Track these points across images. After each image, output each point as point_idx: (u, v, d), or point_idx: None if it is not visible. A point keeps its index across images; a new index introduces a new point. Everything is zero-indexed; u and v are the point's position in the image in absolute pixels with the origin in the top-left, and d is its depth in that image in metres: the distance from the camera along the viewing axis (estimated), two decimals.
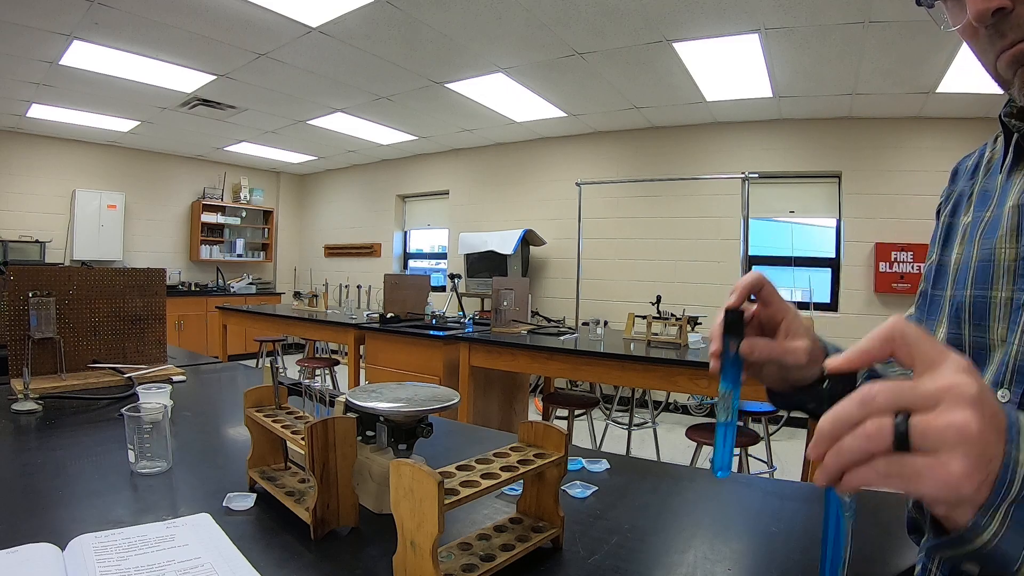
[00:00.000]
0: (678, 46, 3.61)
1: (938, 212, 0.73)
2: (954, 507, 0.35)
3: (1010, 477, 0.34)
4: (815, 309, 4.80)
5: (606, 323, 3.37)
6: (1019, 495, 0.34)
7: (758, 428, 2.88)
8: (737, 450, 2.55)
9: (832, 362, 0.40)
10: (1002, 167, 0.61)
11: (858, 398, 0.36)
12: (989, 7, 0.47)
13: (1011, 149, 0.59)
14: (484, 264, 5.96)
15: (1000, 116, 0.60)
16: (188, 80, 4.47)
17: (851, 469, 0.36)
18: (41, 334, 1.47)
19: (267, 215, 8.31)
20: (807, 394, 0.62)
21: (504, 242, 5.77)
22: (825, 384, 0.40)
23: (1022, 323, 0.52)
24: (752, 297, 0.59)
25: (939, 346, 0.37)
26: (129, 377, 1.50)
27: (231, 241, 7.94)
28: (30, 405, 1.22)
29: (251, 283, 7.87)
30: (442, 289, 6.77)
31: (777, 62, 3.75)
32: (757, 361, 0.57)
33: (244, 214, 8.04)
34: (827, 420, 0.37)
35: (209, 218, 7.59)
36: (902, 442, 0.34)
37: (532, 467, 0.66)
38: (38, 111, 5.33)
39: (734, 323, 0.53)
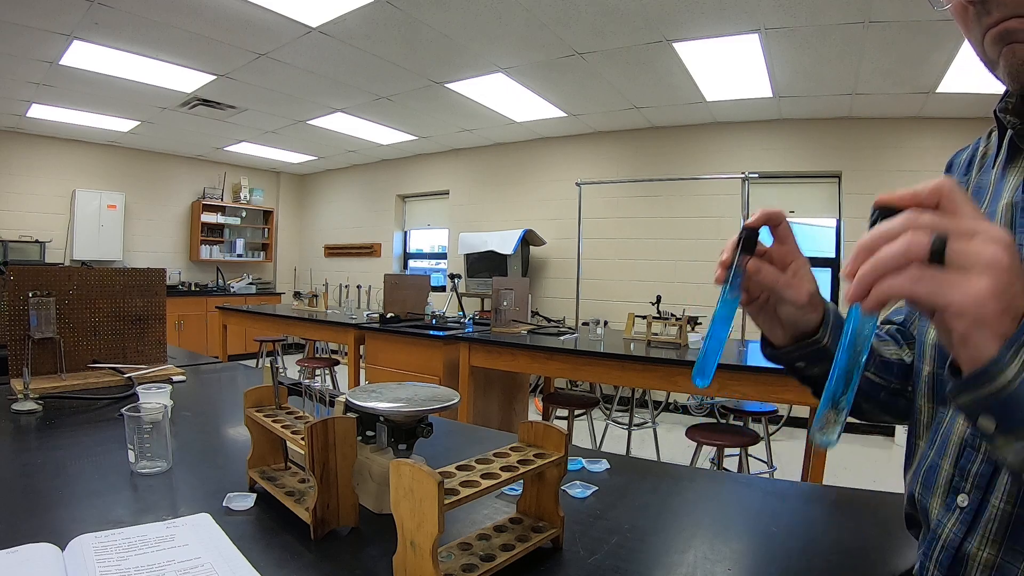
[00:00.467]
0: (678, 46, 3.61)
1: None
2: (975, 325, 0.35)
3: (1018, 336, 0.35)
4: None
5: (606, 323, 3.38)
6: None
7: (758, 428, 2.88)
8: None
9: (882, 196, 0.41)
10: (995, 163, 0.61)
11: (903, 216, 0.38)
12: None
13: (1005, 145, 0.59)
14: (484, 264, 5.96)
15: (995, 111, 0.59)
16: (188, 80, 4.47)
17: (884, 279, 0.37)
18: (41, 334, 1.47)
19: (267, 215, 8.31)
20: (802, 349, 0.62)
21: (504, 242, 5.77)
22: (873, 216, 0.42)
23: None
24: (769, 231, 0.59)
25: (981, 214, 0.38)
26: (129, 377, 1.50)
27: (231, 241, 7.94)
28: (30, 405, 1.22)
29: (251, 283, 7.87)
30: (442, 289, 6.77)
31: (777, 62, 3.75)
32: (760, 284, 0.57)
33: (244, 214, 8.04)
34: (868, 235, 0.39)
35: (209, 218, 7.59)
36: (938, 256, 0.36)
37: (532, 467, 0.66)
38: (38, 111, 5.33)
39: (748, 240, 0.54)
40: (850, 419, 0.45)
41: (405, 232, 7.75)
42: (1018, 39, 0.49)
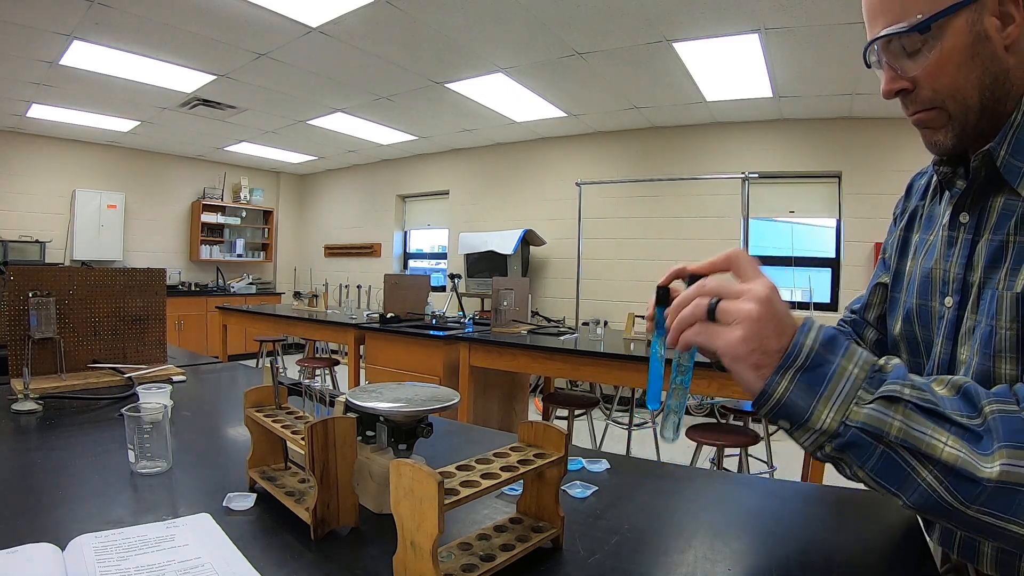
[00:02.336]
0: (678, 46, 3.61)
1: (895, 220, 0.88)
2: (734, 361, 0.52)
3: (795, 352, 0.50)
4: (815, 309, 4.80)
5: (606, 323, 3.37)
6: (803, 365, 0.50)
7: (758, 428, 2.88)
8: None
9: (691, 266, 0.59)
10: (940, 198, 0.76)
11: (696, 286, 0.56)
12: (892, 88, 0.67)
13: (939, 184, 0.75)
14: (484, 264, 5.96)
15: (932, 163, 0.75)
16: (188, 80, 4.47)
17: (682, 331, 0.56)
18: (41, 334, 1.47)
19: (267, 215, 8.31)
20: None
21: (504, 242, 5.77)
22: (687, 281, 0.60)
23: (943, 331, 0.69)
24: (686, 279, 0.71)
25: (758, 270, 0.55)
26: (129, 377, 1.50)
27: (231, 241, 7.94)
28: (30, 405, 1.22)
29: (251, 283, 7.87)
30: (442, 289, 6.77)
31: (777, 62, 3.75)
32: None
33: (244, 214, 8.04)
34: (677, 299, 0.57)
35: (209, 218, 7.59)
36: (712, 314, 0.53)
37: (532, 467, 0.66)
38: (38, 111, 5.33)
39: (662, 297, 0.69)
40: None
41: (405, 232, 7.75)
42: (926, 126, 0.68)
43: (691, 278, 0.58)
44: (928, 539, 0.77)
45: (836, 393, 0.49)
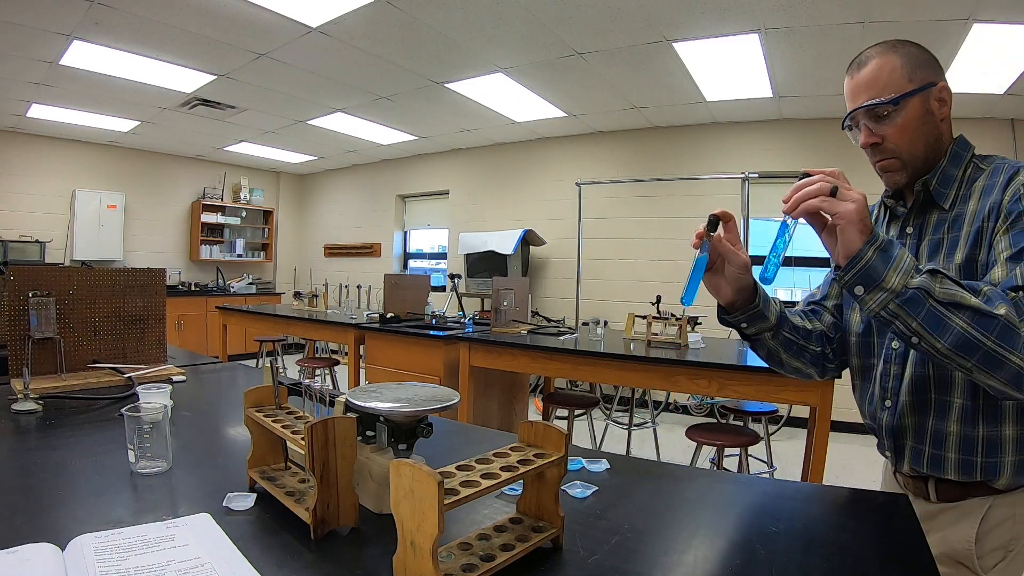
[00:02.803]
0: (678, 46, 3.61)
1: None
2: (849, 223, 0.75)
3: (876, 236, 0.75)
4: None
5: (606, 323, 3.37)
6: (880, 246, 0.75)
7: (758, 428, 2.88)
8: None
9: (808, 169, 0.81)
10: (886, 222, 1.07)
11: (817, 176, 0.78)
12: (869, 141, 0.96)
13: (886, 213, 1.07)
14: (484, 264, 5.96)
15: (882, 198, 1.07)
16: (188, 80, 4.47)
17: (806, 200, 0.77)
18: (41, 334, 1.47)
19: (267, 215, 8.31)
20: (746, 313, 0.97)
21: (504, 242, 5.77)
22: (800, 178, 0.81)
23: (884, 347, 1.00)
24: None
25: (856, 192, 0.77)
26: (129, 377, 1.50)
27: (231, 241, 7.94)
28: (30, 405, 1.22)
29: (251, 283, 7.86)
30: (442, 289, 6.77)
31: (777, 62, 3.75)
32: (716, 251, 0.91)
33: (244, 214, 8.04)
34: (799, 183, 0.79)
35: (209, 218, 7.59)
36: (833, 193, 0.76)
37: (532, 467, 0.66)
38: (38, 111, 5.33)
39: (712, 223, 0.89)
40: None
41: (405, 232, 7.75)
42: (888, 170, 0.98)
43: (803, 175, 0.80)
44: (896, 477, 1.05)
45: (901, 266, 0.74)
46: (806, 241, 5.00)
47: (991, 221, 0.88)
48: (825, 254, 0.88)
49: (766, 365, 1.08)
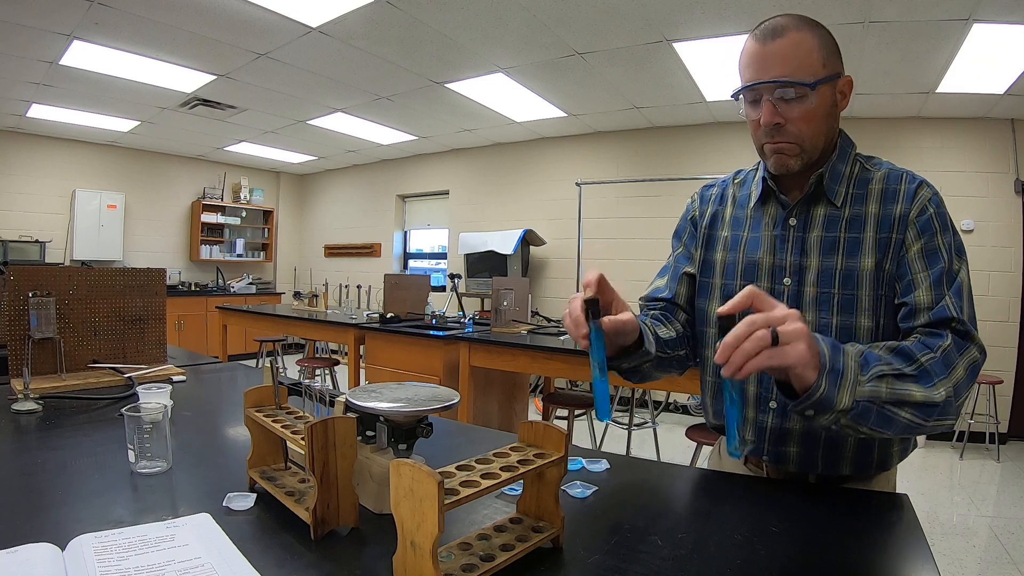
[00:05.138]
0: (678, 46, 3.61)
1: (692, 221, 1.12)
2: (804, 368, 0.67)
3: (822, 362, 0.69)
4: None
5: None
6: (829, 369, 0.69)
7: None
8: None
9: (721, 308, 0.69)
10: (750, 204, 1.03)
11: (746, 322, 0.66)
12: (772, 121, 0.88)
13: (759, 193, 1.01)
14: (484, 264, 5.96)
15: (763, 177, 1.00)
16: (188, 80, 4.47)
17: (749, 361, 0.64)
18: (41, 334, 1.47)
19: (267, 215, 8.31)
20: (629, 357, 0.89)
21: (504, 242, 5.77)
22: (717, 321, 0.68)
23: (786, 303, 0.89)
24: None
25: (774, 300, 0.69)
26: (129, 377, 1.50)
27: (231, 241, 7.94)
28: (30, 405, 1.22)
29: (251, 283, 7.86)
30: (442, 289, 6.77)
31: None
32: (609, 332, 0.79)
33: (244, 214, 8.04)
34: (730, 337, 0.65)
35: (209, 218, 7.59)
36: (775, 340, 0.65)
37: (532, 467, 0.66)
38: (38, 111, 5.33)
39: (593, 308, 0.75)
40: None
41: (405, 232, 7.75)
42: (783, 153, 0.91)
43: (721, 320, 0.67)
44: (745, 463, 1.04)
45: (848, 381, 0.70)
46: None
47: (898, 233, 0.88)
48: None
49: None
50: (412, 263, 7.77)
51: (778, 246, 0.97)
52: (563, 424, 3.31)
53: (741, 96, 0.93)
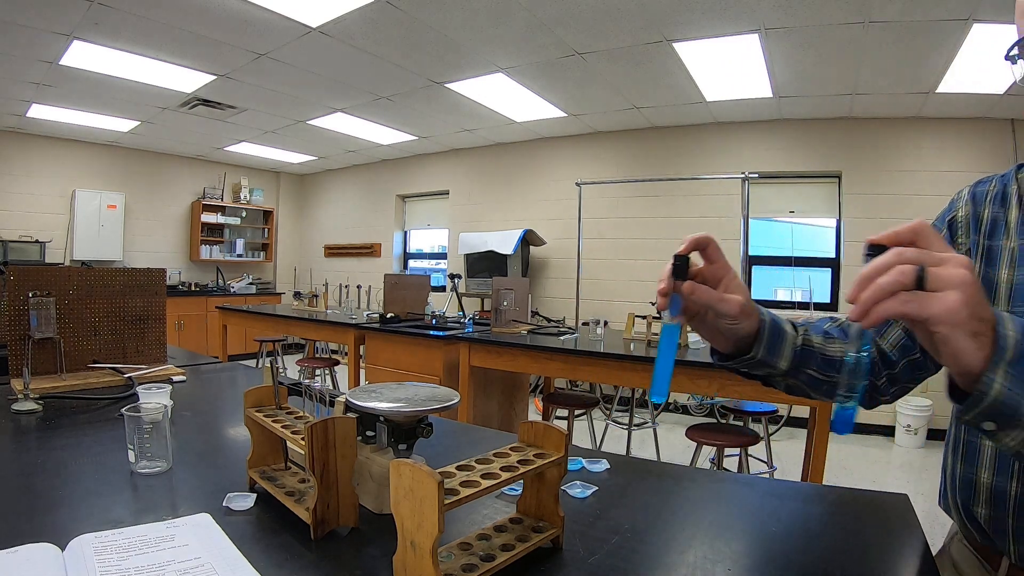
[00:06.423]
0: (678, 46, 3.61)
1: (951, 224, 0.84)
2: (952, 328, 0.45)
3: (1003, 344, 0.46)
4: (815, 309, 4.80)
5: (606, 323, 3.37)
6: (1012, 357, 0.46)
7: (758, 428, 2.88)
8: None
9: (871, 237, 0.50)
10: (1019, 205, 0.74)
11: (893, 252, 0.47)
12: None
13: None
14: (484, 264, 5.96)
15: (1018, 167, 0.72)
16: (188, 80, 4.47)
17: (880, 302, 0.46)
18: (41, 334, 1.47)
19: (267, 215, 8.31)
20: (740, 364, 0.72)
21: (504, 242, 5.77)
22: (866, 252, 0.50)
23: None
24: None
25: (945, 242, 0.49)
26: (129, 377, 1.50)
27: (231, 241, 7.94)
28: (30, 405, 1.22)
29: (251, 283, 7.86)
30: (442, 289, 6.77)
31: (777, 62, 3.75)
32: (696, 303, 0.62)
33: (244, 214, 8.04)
34: (866, 267, 0.48)
35: (209, 218, 7.59)
36: (920, 283, 0.46)
37: (532, 467, 0.66)
38: (38, 111, 5.33)
39: (680, 267, 0.60)
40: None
41: (405, 232, 7.75)
42: None
43: (871, 249, 0.50)
44: (964, 545, 0.79)
45: None
46: (806, 240, 5.00)
47: None
48: (828, 254, 0.63)
49: None
50: (412, 263, 7.77)
51: None
52: (563, 424, 3.31)
53: (1016, 49, 0.67)
